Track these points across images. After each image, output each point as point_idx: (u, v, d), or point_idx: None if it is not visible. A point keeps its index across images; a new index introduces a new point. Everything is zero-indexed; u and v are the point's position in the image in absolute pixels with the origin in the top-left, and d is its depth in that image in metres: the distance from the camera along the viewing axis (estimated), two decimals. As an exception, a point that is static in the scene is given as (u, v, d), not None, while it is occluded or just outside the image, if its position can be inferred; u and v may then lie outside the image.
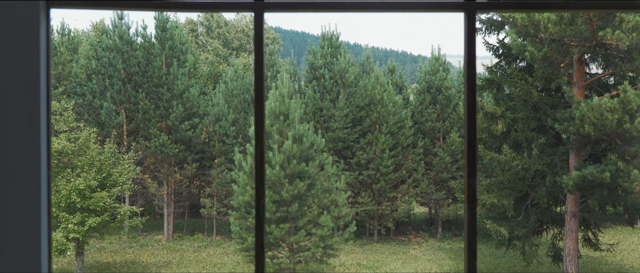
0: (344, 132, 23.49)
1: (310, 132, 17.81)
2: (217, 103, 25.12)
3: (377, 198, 23.78)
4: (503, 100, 18.19)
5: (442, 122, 25.33)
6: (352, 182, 23.35)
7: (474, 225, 1.26)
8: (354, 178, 23.36)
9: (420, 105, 25.59)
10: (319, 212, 17.53)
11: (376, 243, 24.31)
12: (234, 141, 24.33)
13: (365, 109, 23.78)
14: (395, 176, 23.47)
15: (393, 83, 26.49)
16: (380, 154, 23.06)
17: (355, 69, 25.09)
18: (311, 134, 17.77)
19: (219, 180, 23.91)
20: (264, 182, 1.31)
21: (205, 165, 25.38)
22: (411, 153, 24.18)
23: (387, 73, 26.94)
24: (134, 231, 24.68)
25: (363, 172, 23.45)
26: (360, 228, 24.43)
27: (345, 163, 23.67)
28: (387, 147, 23.03)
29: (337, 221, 18.39)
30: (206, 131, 25.04)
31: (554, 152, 17.04)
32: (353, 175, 23.22)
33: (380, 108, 23.31)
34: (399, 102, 24.32)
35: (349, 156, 23.93)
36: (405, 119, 23.86)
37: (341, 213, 18.30)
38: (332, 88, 24.24)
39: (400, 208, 25.74)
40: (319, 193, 17.76)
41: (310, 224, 17.46)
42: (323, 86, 24.38)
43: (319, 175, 17.99)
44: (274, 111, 17.76)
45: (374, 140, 23.32)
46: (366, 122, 23.63)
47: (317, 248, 17.28)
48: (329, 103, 23.92)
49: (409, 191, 24.24)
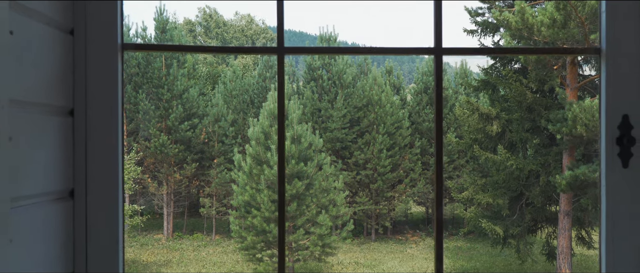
0: (342, 132, 23.75)
1: (309, 132, 18.08)
2: (216, 104, 25.36)
3: (375, 198, 24.05)
4: (498, 101, 18.48)
5: (439, 123, 25.59)
6: (350, 182, 23.62)
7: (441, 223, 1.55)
8: (352, 178, 23.63)
9: (417, 106, 25.87)
10: (318, 211, 17.80)
11: (374, 242, 24.58)
12: (233, 141, 24.58)
13: (363, 110, 24.04)
14: (393, 176, 23.73)
15: (390, 84, 26.76)
16: (378, 154, 23.33)
17: (353, 70, 25.35)
18: (309, 134, 18.05)
19: (218, 180, 24.16)
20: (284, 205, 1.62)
21: (205, 165, 25.61)
22: (408, 154, 24.46)
23: (385, 74, 27.22)
24: (134, 230, 24.92)
25: (361, 171, 23.72)
26: (358, 228, 24.71)
27: (343, 163, 23.94)
28: (384, 147, 23.30)
29: (335, 220, 18.67)
30: (205, 131, 25.29)
31: (548, 152, 17.35)
32: (351, 175, 23.49)
33: (377, 108, 23.57)
34: (397, 102, 24.59)
35: (347, 156, 24.19)
36: (403, 120, 24.14)
37: (339, 212, 18.58)
38: (330, 89, 24.50)
39: (398, 208, 26.01)
40: (317, 193, 18.04)
41: (309, 223, 17.74)
42: (321, 87, 24.64)
43: (317, 175, 18.27)
44: (273, 112, 18.04)
45: (371, 140, 23.59)
46: (364, 122, 23.89)
47: (315, 247, 17.57)
48: (327, 104, 24.17)
49: (406, 191, 24.52)
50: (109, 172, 1.35)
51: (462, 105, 19.47)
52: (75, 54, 1.34)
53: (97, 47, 1.34)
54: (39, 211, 1.21)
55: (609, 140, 1.32)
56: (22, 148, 1.11)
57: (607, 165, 1.32)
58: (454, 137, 21.26)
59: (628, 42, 1.32)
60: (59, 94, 1.28)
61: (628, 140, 1.29)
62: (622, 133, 1.30)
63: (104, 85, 1.34)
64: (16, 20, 1.07)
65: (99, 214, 1.35)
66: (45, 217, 1.24)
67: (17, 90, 1.07)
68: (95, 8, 1.34)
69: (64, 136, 1.31)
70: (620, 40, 1.32)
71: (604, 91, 1.33)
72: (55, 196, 1.28)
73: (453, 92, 25.97)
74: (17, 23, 1.07)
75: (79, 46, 1.34)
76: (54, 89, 1.26)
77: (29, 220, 1.16)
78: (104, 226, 1.36)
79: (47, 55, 1.23)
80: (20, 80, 1.10)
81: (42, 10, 1.21)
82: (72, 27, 1.34)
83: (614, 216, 1.33)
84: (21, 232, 1.12)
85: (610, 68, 1.32)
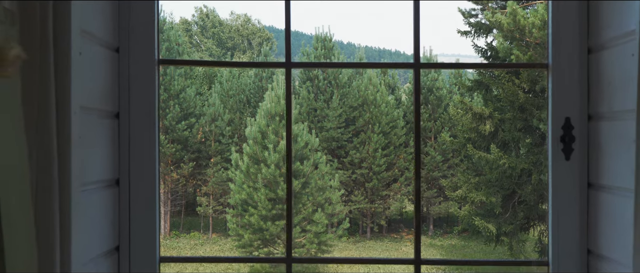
0: (338, 131, 24.03)
1: (305, 131, 18.36)
2: (213, 103, 25.60)
3: (370, 197, 24.34)
4: (491, 101, 18.79)
5: (433, 122, 25.90)
6: (346, 181, 23.91)
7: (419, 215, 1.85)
8: (348, 177, 23.92)
9: (412, 106, 26.17)
10: (314, 210, 18.08)
11: (369, 240, 24.89)
12: (230, 141, 24.83)
13: (358, 109, 24.32)
14: (388, 175, 24.03)
15: (385, 83, 27.05)
16: (373, 153, 23.62)
17: (349, 70, 25.65)
18: (306, 133, 18.33)
19: (215, 179, 24.41)
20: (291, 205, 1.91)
21: (202, 165, 25.84)
22: (403, 153, 24.77)
23: (380, 74, 27.49)
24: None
25: (356, 170, 24.00)
26: (354, 226, 25.00)
27: (339, 162, 24.22)
28: (379, 147, 23.59)
29: (331, 218, 18.96)
30: (202, 131, 25.53)
31: (540, 151, 17.68)
32: (346, 173, 23.77)
33: (373, 108, 23.86)
34: (391, 102, 24.88)
35: (343, 155, 24.47)
36: (398, 119, 24.44)
37: (335, 210, 18.87)
38: (325, 88, 24.77)
39: (393, 206, 26.30)
40: (313, 191, 18.32)
41: (305, 221, 18.02)
42: (317, 87, 24.91)
43: (313, 173, 18.55)
44: (270, 112, 18.31)
45: (366, 139, 23.88)
46: (359, 122, 24.17)
47: (311, 245, 17.86)
48: (322, 103, 24.45)
49: (401, 189, 24.83)
50: (147, 164, 1.65)
51: (456, 105, 19.79)
52: (120, 67, 1.64)
53: (138, 62, 1.64)
54: (95, 195, 1.50)
55: (554, 138, 1.62)
56: (87, 145, 1.41)
57: (554, 159, 1.63)
58: (448, 136, 21.57)
59: (569, 58, 1.63)
60: (108, 100, 1.58)
61: (569, 138, 1.60)
62: (565, 132, 1.60)
63: (144, 94, 1.63)
64: (83, 43, 1.36)
65: (139, 199, 1.65)
66: (99, 200, 1.53)
67: (84, 98, 1.37)
68: (137, 30, 1.64)
69: (112, 135, 1.61)
70: (563, 57, 1.63)
71: (551, 98, 1.64)
72: (105, 184, 1.57)
73: (447, 91, 26.28)
74: (83, 45, 1.37)
75: (123, 61, 1.64)
76: (105, 96, 1.56)
77: (89, 202, 1.46)
78: (143, 210, 1.66)
79: (101, 69, 1.53)
80: (85, 90, 1.39)
81: (98, 33, 1.51)
82: (117, 46, 1.64)
83: (559, 200, 1.64)
84: (86, 211, 1.42)
85: (555, 79, 1.62)
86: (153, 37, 1.65)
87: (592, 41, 1.61)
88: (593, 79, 1.60)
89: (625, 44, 1.41)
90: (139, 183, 1.65)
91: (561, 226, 1.63)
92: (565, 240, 1.63)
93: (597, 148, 1.57)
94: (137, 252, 1.65)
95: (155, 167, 1.65)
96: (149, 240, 1.66)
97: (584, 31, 1.63)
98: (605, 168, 1.52)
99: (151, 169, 1.65)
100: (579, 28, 1.62)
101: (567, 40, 1.62)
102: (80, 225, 1.32)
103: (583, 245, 1.62)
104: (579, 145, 1.61)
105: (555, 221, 1.63)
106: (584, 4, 1.63)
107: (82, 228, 1.34)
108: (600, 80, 1.55)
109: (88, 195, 1.44)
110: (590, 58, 1.62)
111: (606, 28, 1.53)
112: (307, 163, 18.19)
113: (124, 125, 1.63)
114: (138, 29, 1.63)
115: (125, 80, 1.63)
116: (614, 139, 1.47)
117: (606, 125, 1.52)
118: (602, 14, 1.56)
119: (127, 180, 1.64)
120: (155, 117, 1.64)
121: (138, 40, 1.63)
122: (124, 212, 1.65)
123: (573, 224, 1.62)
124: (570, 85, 1.61)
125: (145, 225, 1.66)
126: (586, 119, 1.61)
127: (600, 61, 1.56)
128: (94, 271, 1.49)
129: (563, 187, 1.61)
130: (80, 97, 1.32)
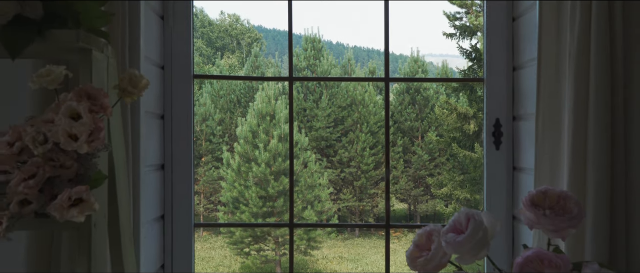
0: (327, 131, 24.45)
1: (295, 131, 18.87)
2: (204, 103, 25.98)
3: (358, 195, 24.79)
4: (475, 101, 19.42)
5: (420, 122, 26.41)
6: (335, 179, 24.37)
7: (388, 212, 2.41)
8: (336, 176, 24.37)
9: (399, 105, 26.70)
10: (303, 207, 18.57)
11: (357, 237, 25.37)
12: (221, 140, 25.24)
13: (347, 109, 24.75)
14: (376, 173, 24.51)
15: (373, 84, 27.56)
16: (361, 152, 24.09)
17: (337, 71, 26.12)
18: (295, 133, 18.83)
19: (206, 177, 24.81)
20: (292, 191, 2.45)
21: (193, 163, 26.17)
22: (391, 152, 25.26)
23: (368, 74, 28.00)
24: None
25: (345, 169, 24.45)
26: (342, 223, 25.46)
27: (328, 161, 24.68)
28: (367, 146, 24.06)
29: (320, 215, 19.44)
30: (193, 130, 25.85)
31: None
32: (335, 172, 24.22)
33: (361, 108, 24.32)
34: (379, 102, 25.39)
35: (332, 154, 24.90)
36: (385, 119, 24.92)
37: (324, 208, 19.37)
38: (315, 89, 25.21)
39: (381, 204, 26.82)
40: (303, 189, 18.81)
41: (295, 218, 18.53)
42: (306, 87, 25.35)
43: (303, 172, 19.04)
44: (261, 112, 18.79)
45: (355, 139, 24.33)
46: (348, 121, 24.61)
47: (301, 241, 18.35)
48: (312, 103, 24.89)
49: (388, 187, 25.30)
50: (185, 153, 2.20)
51: (441, 105, 20.40)
52: (165, 81, 2.18)
53: (178, 77, 2.18)
54: (150, 175, 2.05)
55: (488, 133, 2.19)
56: (146, 138, 1.95)
57: (487, 149, 2.20)
58: (434, 135, 22.15)
59: (499, 74, 2.20)
60: (157, 105, 2.12)
61: (499, 134, 2.17)
62: (495, 129, 2.18)
63: (182, 101, 2.18)
64: (144, 65, 1.90)
65: (178, 180, 2.20)
66: (152, 179, 2.08)
67: (145, 105, 1.91)
68: (176, 52, 2.18)
69: (159, 131, 2.15)
70: (495, 73, 2.20)
71: (485, 103, 2.21)
72: (155, 167, 2.11)
73: (434, 92, 26.84)
74: (145, 66, 1.91)
75: (167, 76, 2.18)
76: (156, 102, 2.10)
77: (148, 180, 2.00)
78: (182, 189, 2.20)
79: (153, 82, 2.07)
80: (146, 98, 1.93)
81: (152, 57, 2.05)
82: (163, 64, 2.18)
83: (490, 184, 2.21)
84: (145, 186, 1.96)
85: (489, 89, 2.19)
86: (189, 58, 2.19)
87: (516, 62, 2.18)
88: (516, 90, 2.17)
89: (532, 66, 1.98)
90: (178, 168, 2.19)
91: (493, 198, 2.19)
92: (496, 207, 2.19)
93: (518, 141, 2.15)
94: (177, 220, 2.20)
95: (190, 156, 2.19)
96: (186, 210, 2.20)
97: (510, 54, 2.20)
98: (523, 155, 2.09)
99: (188, 157, 2.20)
100: (506, 53, 2.20)
101: (498, 60, 2.19)
102: (143, 195, 1.86)
103: (509, 213, 2.19)
104: (505, 138, 2.18)
105: (490, 194, 2.20)
106: (509, 34, 2.21)
107: (144, 197, 1.88)
108: (520, 91, 2.13)
109: (146, 175, 1.98)
110: (514, 74, 2.19)
111: (523, 53, 2.10)
112: (297, 162, 18.68)
113: (167, 124, 2.18)
114: (177, 51, 2.18)
115: (169, 90, 2.18)
116: (527, 134, 2.04)
117: (523, 124, 2.10)
118: (521, 43, 2.13)
119: (170, 165, 2.19)
120: (191, 118, 2.18)
121: (178, 61, 2.18)
122: (168, 189, 2.19)
123: (502, 196, 2.19)
124: (500, 93, 2.18)
125: (183, 199, 2.20)
126: (511, 119, 2.19)
127: (520, 77, 2.13)
128: (149, 231, 2.03)
129: (495, 169, 2.19)
130: (143, 104, 1.86)
